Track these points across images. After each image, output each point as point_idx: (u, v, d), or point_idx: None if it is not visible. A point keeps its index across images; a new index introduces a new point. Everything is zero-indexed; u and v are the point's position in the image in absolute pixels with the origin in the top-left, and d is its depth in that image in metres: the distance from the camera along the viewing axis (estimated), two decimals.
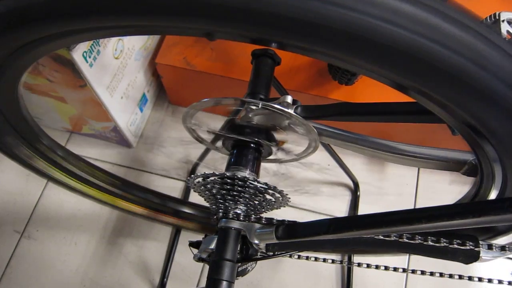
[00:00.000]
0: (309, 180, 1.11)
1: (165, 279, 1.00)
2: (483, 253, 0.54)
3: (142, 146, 1.17)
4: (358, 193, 1.09)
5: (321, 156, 0.88)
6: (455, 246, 0.50)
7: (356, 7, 0.28)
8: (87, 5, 0.33)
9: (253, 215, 0.56)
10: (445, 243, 0.50)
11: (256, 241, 0.56)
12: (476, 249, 0.52)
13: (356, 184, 1.09)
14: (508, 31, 0.46)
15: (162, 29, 0.41)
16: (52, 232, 1.07)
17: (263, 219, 0.56)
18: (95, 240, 1.05)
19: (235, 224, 0.57)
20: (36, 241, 1.06)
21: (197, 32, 0.37)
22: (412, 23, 0.28)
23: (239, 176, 0.55)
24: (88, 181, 0.81)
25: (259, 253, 0.59)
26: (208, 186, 0.58)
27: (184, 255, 1.03)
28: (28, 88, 0.93)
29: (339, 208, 1.08)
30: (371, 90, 0.96)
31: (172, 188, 1.11)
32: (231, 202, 0.58)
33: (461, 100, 0.32)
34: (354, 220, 0.48)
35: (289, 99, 0.54)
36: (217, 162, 1.10)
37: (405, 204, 1.09)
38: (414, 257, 1.00)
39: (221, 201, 0.59)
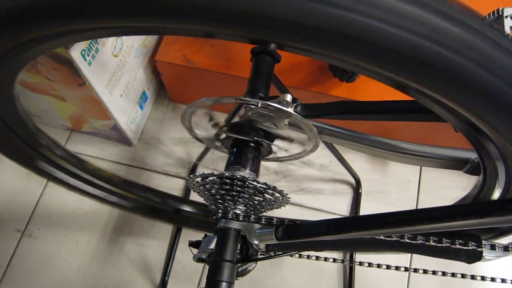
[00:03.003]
0: (311, 178, 1.11)
1: (166, 277, 1.00)
2: (486, 252, 0.54)
3: (143, 144, 1.16)
4: (360, 190, 1.08)
5: (322, 153, 0.88)
6: (458, 246, 0.50)
7: (355, 7, 0.27)
8: (91, 7, 0.32)
9: (252, 216, 0.56)
10: (447, 244, 0.49)
11: (256, 242, 0.55)
12: (479, 249, 0.51)
13: (357, 181, 1.08)
14: (511, 27, 0.45)
15: (161, 30, 0.40)
16: (53, 231, 1.07)
17: (263, 220, 0.55)
18: (96, 238, 1.05)
19: (235, 225, 0.56)
20: (37, 239, 1.06)
21: (196, 33, 0.37)
22: (413, 24, 0.27)
23: (238, 176, 0.54)
24: (87, 180, 0.81)
25: (259, 253, 0.59)
26: (207, 186, 0.57)
27: (185, 253, 1.03)
28: (27, 87, 0.93)
29: (341, 205, 1.08)
30: (372, 87, 0.95)
31: (173, 186, 1.10)
32: (230, 202, 0.57)
33: (462, 99, 0.32)
34: (354, 221, 0.48)
35: (288, 97, 0.53)
36: (219, 160, 1.10)
37: (408, 200, 1.08)
38: (416, 256, 0.99)
39: (221, 201, 0.58)
